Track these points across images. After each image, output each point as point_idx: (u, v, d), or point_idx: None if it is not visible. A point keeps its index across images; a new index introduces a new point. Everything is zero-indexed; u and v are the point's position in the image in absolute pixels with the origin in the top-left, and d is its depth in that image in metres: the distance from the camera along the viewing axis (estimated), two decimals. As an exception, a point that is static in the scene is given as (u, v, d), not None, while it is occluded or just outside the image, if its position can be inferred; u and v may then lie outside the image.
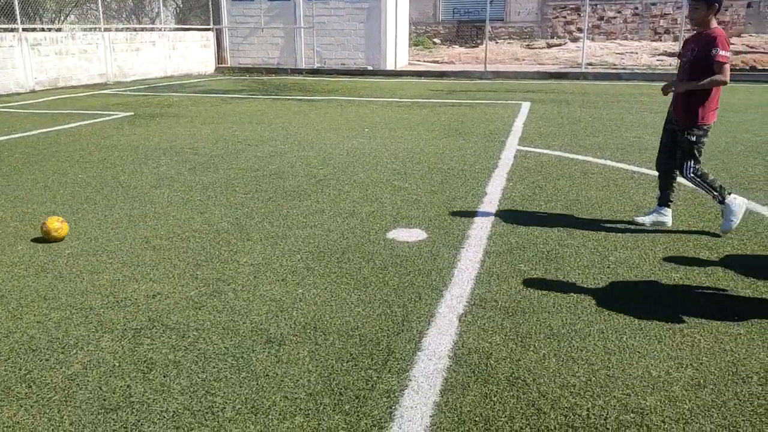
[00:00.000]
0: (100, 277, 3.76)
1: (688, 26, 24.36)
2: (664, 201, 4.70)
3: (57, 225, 4.35)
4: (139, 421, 2.39)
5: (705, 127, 4.43)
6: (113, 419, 2.40)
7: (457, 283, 3.66)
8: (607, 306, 3.36)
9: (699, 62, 4.28)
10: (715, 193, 4.47)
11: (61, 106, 11.92)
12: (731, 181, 5.93)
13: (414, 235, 4.50)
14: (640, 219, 4.70)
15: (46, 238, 4.34)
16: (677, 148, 4.51)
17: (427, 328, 3.11)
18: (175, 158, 7.09)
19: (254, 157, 7.16)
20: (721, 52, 4.19)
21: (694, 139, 4.42)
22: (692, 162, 4.46)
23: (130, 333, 3.07)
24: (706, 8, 4.23)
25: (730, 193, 4.48)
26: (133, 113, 10.82)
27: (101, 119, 10.15)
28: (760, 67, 19.58)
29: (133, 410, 2.45)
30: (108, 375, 2.70)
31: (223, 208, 5.17)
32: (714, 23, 4.30)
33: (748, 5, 25.49)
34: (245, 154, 7.29)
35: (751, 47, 22.90)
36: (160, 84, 16.52)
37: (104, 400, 2.52)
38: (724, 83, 4.24)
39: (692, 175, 4.46)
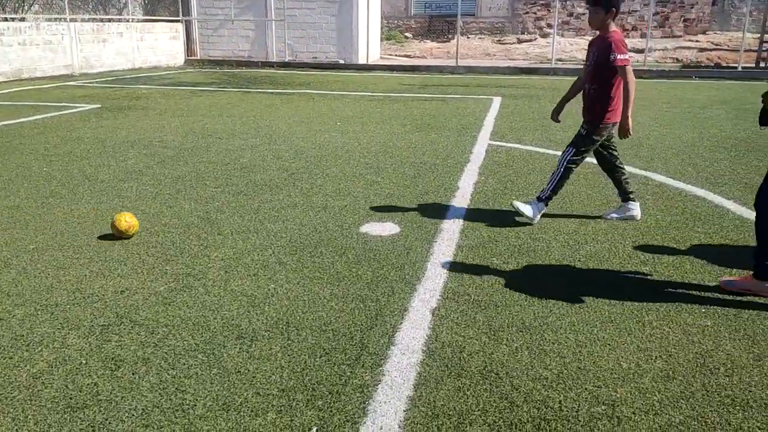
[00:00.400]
0: (66, 272, 3.67)
1: (656, 24, 24.76)
2: (624, 196, 4.76)
3: (125, 225, 4.17)
4: (106, 419, 2.34)
5: (608, 126, 4.50)
6: (80, 418, 2.35)
7: (430, 277, 3.66)
8: (578, 299, 3.39)
9: (600, 66, 4.38)
10: (551, 193, 4.60)
11: (26, 98, 11.63)
12: (697, 176, 6.04)
13: (387, 229, 4.49)
14: (609, 215, 4.76)
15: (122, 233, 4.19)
16: (576, 136, 4.61)
17: (401, 323, 3.10)
18: (144, 151, 6.97)
19: (225, 150, 7.07)
20: (619, 56, 4.28)
21: (585, 133, 4.52)
22: (574, 151, 4.54)
23: (97, 329, 3.00)
24: (604, 12, 4.31)
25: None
26: (100, 105, 10.60)
27: (67, 111, 9.92)
28: (724, 64, 19.98)
29: (101, 408, 2.40)
30: (74, 373, 2.63)
31: (193, 202, 5.09)
32: (612, 27, 4.38)
33: (713, 3, 25.98)
34: (215, 148, 7.19)
35: (716, 44, 23.36)
36: (128, 76, 16.22)
37: (70, 398, 2.46)
38: (633, 82, 4.34)
39: (566, 163, 4.56)
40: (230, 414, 2.38)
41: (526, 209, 4.58)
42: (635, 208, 4.74)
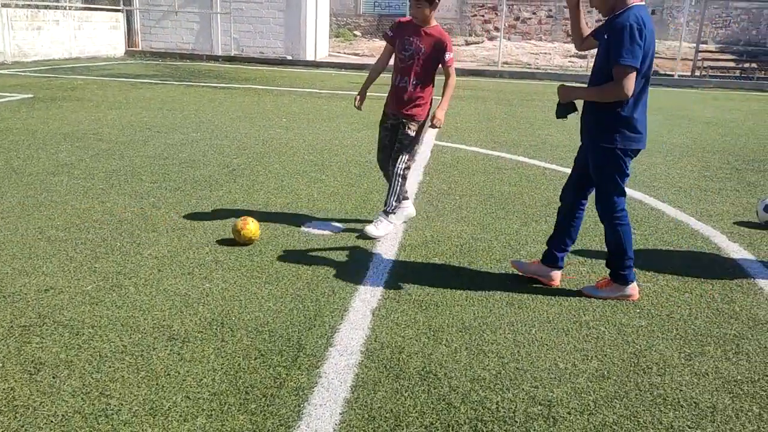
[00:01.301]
0: (-14, 270, 3.46)
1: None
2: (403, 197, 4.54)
3: (253, 229, 4.00)
4: (23, 426, 2.19)
5: (423, 123, 4.37)
6: (-7, 426, 2.19)
7: (371, 277, 3.61)
8: (517, 300, 3.40)
9: (430, 60, 4.20)
10: (397, 198, 4.36)
11: (-49, 85, 11.02)
12: (634, 179, 6.18)
13: (329, 227, 4.42)
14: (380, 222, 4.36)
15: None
16: (397, 142, 4.34)
17: (340, 323, 3.04)
18: (77, 144, 6.68)
19: (163, 144, 6.85)
20: (451, 56, 4.25)
21: (413, 134, 4.32)
22: (408, 156, 4.33)
23: (17, 330, 2.83)
24: (428, 6, 4.09)
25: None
26: (32, 95, 10.14)
27: (-4, 100, 9.45)
28: (661, 72, 20.67)
29: (17, 414, 2.25)
30: (-11, 377, 2.47)
31: (126, 197, 4.89)
32: (434, 21, 4.22)
33: (652, 12, 26.85)
34: (154, 142, 6.96)
35: (655, 53, 24.15)
36: (64, 66, 15.59)
37: (-17, 404, 2.30)
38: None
39: (403, 170, 4.31)
40: (157, 419, 2.26)
41: (374, 230, 4.26)
42: (409, 206, 4.61)
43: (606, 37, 3.21)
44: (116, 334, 2.83)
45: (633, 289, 3.45)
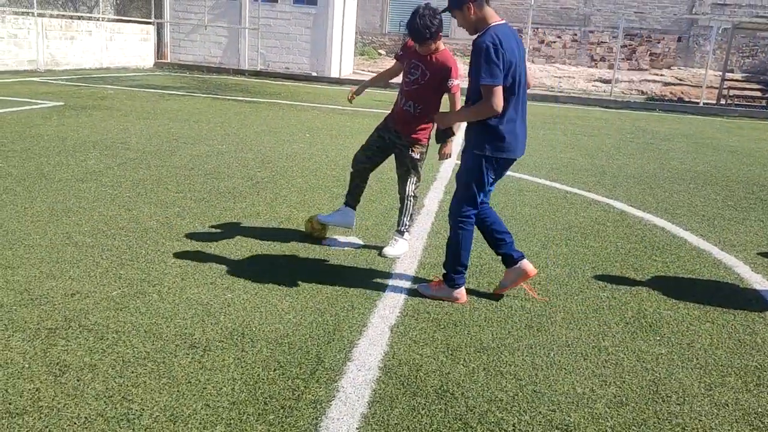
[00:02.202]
0: (15, 272, 3.54)
1: (623, 56, 25.40)
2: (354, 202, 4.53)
3: (318, 226, 4.39)
4: (47, 427, 2.24)
5: (427, 145, 4.39)
6: (18, 424, 2.24)
7: (390, 293, 3.63)
8: (536, 322, 3.40)
9: (432, 87, 4.16)
10: (410, 217, 4.40)
11: (-15, 91, 11.30)
12: (657, 205, 6.16)
13: (350, 243, 4.45)
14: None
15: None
16: (403, 166, 4.36)
17: (359, 338, 3.06)
18: (105, 152, 6.81)
19: (189, 155, 6.96)
20: (456, 82, 4.17)
21: (419, 156, 4.33)
22: (416, 178, 4.38)
23: (43, 333, 2.89)
24: (432, 41, 4.01)
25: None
26: (63, 103, 10.36)
27: (28, 107, 9.66)
28: (687, 99, 20.57)
29: (41, 415, 2.30)
30: (16, 377, 2.52)
31: (152, 206, 4.98)
32: (442, 45, 4.12)
33: (679, 39, 26.78)
34: (180, 152, 7.08)
35: (680, 80, 24.05)
36: (95, 75, 15.92)
37: (10, 403, 2.36)
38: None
39: (414, 191, 4.38)
40: (177, 426, 2.30)
41: (392, 251, 4.31)
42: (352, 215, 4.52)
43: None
44: (139, 340, 2.88)
45: (459, 293, 3.60)
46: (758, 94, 21.14)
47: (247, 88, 15.68)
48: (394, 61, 4.38)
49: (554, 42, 27.65)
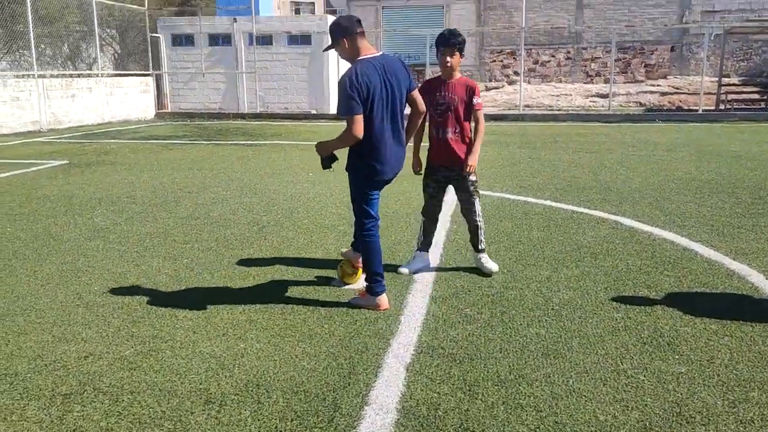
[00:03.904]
0: (28, 338, 3.55)
1: (618, 69, 25.56)
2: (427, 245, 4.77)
3: (350, 271, 4.38)
4: (66, 498, 2.22)
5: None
6: (37, 498, 2.22)
7: (403, 331, 3.61)
8: (552, 350, 3.36)
9: (463, 108, 4.47)
10: (485, 239, 4.70)
11: (-9, 155, 11.45)
12: (665, 218, 6.13)
13: (360, 281, 4.44)
14: (403, 269, 4.65)
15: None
16: (464, 192, 4.58)
17: (375, 380, 3.03)
18: (112, 208, 6.87)
19: (195, 204, 7.00)
20: (479, 100, 4.48)
21: (476, 177, 4.59)
22: (478, 200, 4.64)
23: (58, 399, 2.88)
24: (458, 55, 4.43)
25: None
26: (67, 161, 10.49)
27: (33, 168, 9.79)
28: (685, 107, 20.61)
29: (60, 486, 2.28)
30: (33, 448, 2.51)
31: (161, 259, 5.00)
32: (458, 73, 4.52)
33: (672, 49, 26.95)
34: (185, 202, 7.13)
35: (677, 88, 24.13)
36: (98, 131, 16.14)
37: (28, 476, 2.34)
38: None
39: (481, 213, 4.68)
40: (197, 487, 2.27)
41: (493, 266, 4.62)
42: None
43: None
44: (154, 399, 2.86)
45: (380, 299, 3.91)
46: (756, 96, 21.17)
47: (248, 131, 15.84)
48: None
49: (548, 61, 27.88)
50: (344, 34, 3.81)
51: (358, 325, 3.69)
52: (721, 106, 19.82)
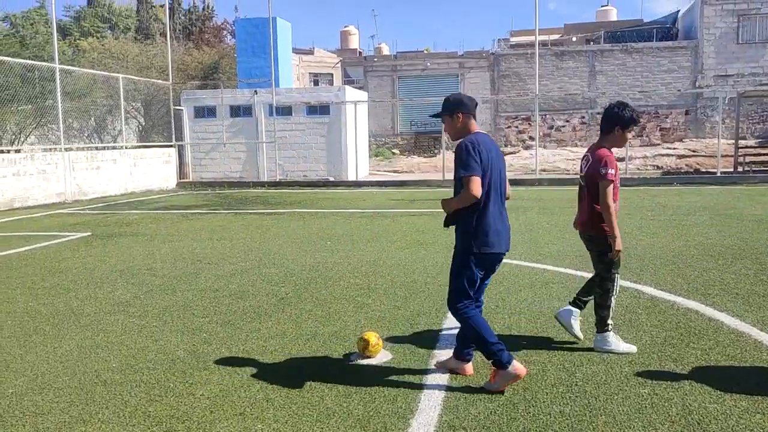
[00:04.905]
0: (45, 419, 3.52)
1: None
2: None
3: (374, 341, 4.35)
4: None
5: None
6: None
7: (424, 410, 3.53)
8: (577, 427, 3.26)
9: (591, 179, 4.58)
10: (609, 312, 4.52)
11: (17, 228, 11.69)
12: (688, 287, 6.03)
13: (378, 356, 4.38)
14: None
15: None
16: (600, 262, 4.78)
17: (394, 464, 2.95)
18: (132, 280, 6.92)
19: (214, 276, 7.04)
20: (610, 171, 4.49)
21: (608, 249, 4.63)
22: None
23: (73, 485, 2.83)
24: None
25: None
26: (90, 233, 10.66)
27: (56, 241, 9.95)
28: (703, 170, 20.59)
29: None
30: None
31: (179, 334, 4.99)
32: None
33: (686, 113, 27.18)
34: (204, 274, 7.17)
35: (694, 151, 24.19)
36: (120, 201, 16.46)
37: None
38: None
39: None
40: None
41: (622, 347, 4.41)
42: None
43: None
44: (170, 486, 2.80)
45: (515, 368, 3.71)
46: (775, 158, 21.10)
47: (267, 199, 16.05)
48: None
49: (563, 126, 28.20)
50: (463, 109, 3.90)
51: (377, 403, 3.62)
52: (739, 169, 19.77)
